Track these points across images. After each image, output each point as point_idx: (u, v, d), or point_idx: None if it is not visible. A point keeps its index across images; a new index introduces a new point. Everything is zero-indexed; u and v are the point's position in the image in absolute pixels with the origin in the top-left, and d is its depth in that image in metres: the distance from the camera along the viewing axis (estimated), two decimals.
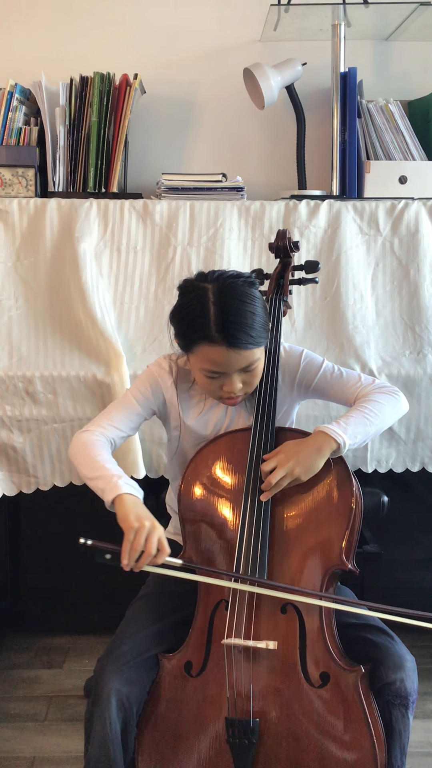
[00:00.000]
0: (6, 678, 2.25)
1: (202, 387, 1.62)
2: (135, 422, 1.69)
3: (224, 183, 2.35)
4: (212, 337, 1.49)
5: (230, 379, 1.54)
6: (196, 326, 1.50)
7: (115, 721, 1.42)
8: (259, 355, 1.56)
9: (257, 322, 1.51)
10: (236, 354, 1.51)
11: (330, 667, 1.43)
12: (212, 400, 1.68)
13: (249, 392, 1.60)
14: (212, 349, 1.50)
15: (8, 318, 2.21)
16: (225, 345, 1.49)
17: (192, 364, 1.60)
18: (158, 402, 1.70)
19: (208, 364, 1.53)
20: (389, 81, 2.60)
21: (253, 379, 1.58)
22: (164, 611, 1.60)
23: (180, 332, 1.56)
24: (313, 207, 2.28)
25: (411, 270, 2.27)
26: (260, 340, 1.53)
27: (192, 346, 1.54)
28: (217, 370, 1.54)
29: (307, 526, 1.52)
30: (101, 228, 2.28)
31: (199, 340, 1.51)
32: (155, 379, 1.70)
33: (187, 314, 1.53)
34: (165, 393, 1.69)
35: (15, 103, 2.33)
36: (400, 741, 1.44)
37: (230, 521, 1.55)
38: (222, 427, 1.69)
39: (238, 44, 2.58)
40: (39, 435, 2.09)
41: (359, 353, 2.17)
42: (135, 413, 1.68)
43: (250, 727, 1.42)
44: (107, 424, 1.65)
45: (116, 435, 1.65)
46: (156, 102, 2.59)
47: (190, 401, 1.70)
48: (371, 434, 1.60)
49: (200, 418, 1.69)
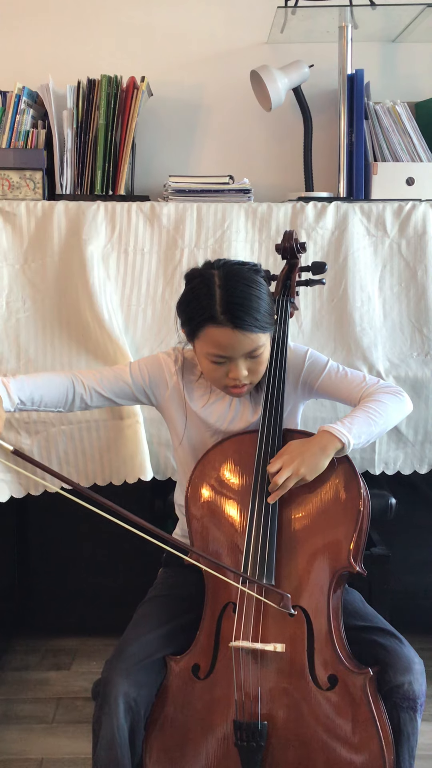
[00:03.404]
0: (14, 680, 2.26)
1: (207, 375, 1.62)
2: (120, 390, 1.69)
3: (231, 185, 2.35)
4: (218, 318, 1.50)
5: (235, 365, 1.55)
6: (202, 308, 1.52)
7: (122, 723, 1.42)
8: (264, 341, 1.56)
9: (262, 307, 1.53)
10: (242, 336, 1.51)
11: (338, 670, 1.43)
12: (217, 393, 1.69)
13: (255, 381, 1.60)
14: (218, 331, 1.52)
15: (16, 320, 2.22)
16: (231, 326, 1.50)
17: (198, 352, 1.60)
18: (153, 387, 1.70)
19: (214, 347, 1.54)
20: (396, 82, 2.60)
21: (259, 367, 1.58)
22: (172, 614, 1.60)
23: (186, 318, 1.58)
24: (321, 209, 2.28)
25: (418, 271, 2.26)
26: (265, 325, 1.54)
27: (198, 330, 1.55)
28: (222, 354, 1.54)
29: (315, 528, 1.52)
30: (108, 230, 2.28)
31: (205, 323, 1.52)
32: (159, 365, 1.70)
33: (194, 299, 1.55)
34: (169, 380, 1.70)
35: (23, 106, 2.34)
36: (408, 744, 1.43)
37: (238, 523, 1.55)
38: (226, 420, 1.68)
39: (245, 46, 2.58)
40: (47, 437, 2.10)
41: (367, 355, 2.17)
42: (123, 381, 1.69)
43: (258, 730, 1.42)
44: (89, 373, 1.68)
45: (90, 386, 1.66)
46: (163, 104, 2.59)
47: (194, 393, 1.70)
48: (375, 434, 1.60)
49: (204, 409, 1.69)
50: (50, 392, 1.63)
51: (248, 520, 1.51)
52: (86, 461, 2.12)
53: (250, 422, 1.68)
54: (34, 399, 1.60)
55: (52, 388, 1.64)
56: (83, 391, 1.66)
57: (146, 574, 1.78)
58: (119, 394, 1.70)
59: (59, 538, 2.32)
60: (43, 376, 1.67)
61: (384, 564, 1.99)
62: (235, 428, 1.68)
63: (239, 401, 1.69)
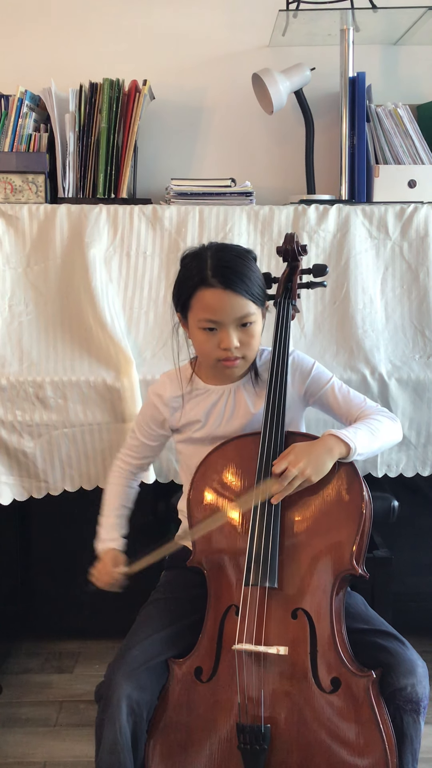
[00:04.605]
0: (17, 683, 2.26)
1: (200, 350, 1.65)
2: (149, 450, 1.80)
3: (233, 188, 2.35)
4: (208, 280, 1.56)
5: (226, 333, 1.58)
6: (193, 276, 1.58)
7: (125, 726, 1.42)
8: (255, 311, 1.60)
9: (252, 276, 1.59)
10: (232, 297, 1.56)
11: (341, 673, 1.43)
12: (214, 395, 1.69)
13: (248, 357, 1.63)
14: (208, 293, 1.56)
15: (18, 323, 2.22)
16: (221, 287, 1.55)
17: (191, 327, 1.63)
18: (161, 425, 1.76)
19: (205, 312, 1.58)
20: (398, 85, 2.60)
21: (251, 340, 1.61)
22: (174, 616, 1.60)
23: (179, 291, 1.64)
24: (322, 211, 2.29)
25: (420, 274, 2.27)
26: (256, 294, 1.59)
27: (190, 299, 1.60)
28: (213, 318, 1.57)
29: (318, 530, 1.52)
30: (111, 233, 2.28)
31: (196, 288, 1.58)
32: (154, 407, 1.75)
33: (186, 273, 1.61)
34: (169, 405, 1.73)
35: (25, 109, 2.34)
36: (412, 747, 1.43)
37: (240, 526, 1.54)
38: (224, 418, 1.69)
39: (247, 49, 2.59)
40: (49, 440, 2.10)
41: (369, 357, 2.17)
42: (144, 445, 1.79)
43: (262, 733, 1.41)
44: (125, 457, 1.80)
45: (135, 466, 1.80)
46: (165, 108, 2.60)
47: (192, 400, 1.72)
48: (373, 450, 1.61)
49: (205, 411, 1.70)
50: (129, 502, 1.80)
51: (251, 523, 1.51)
52: (89, 464, 2.12)
53: (251, 414, 1.68)
54: (123, 520, 1.78)
55: (128, 498, 1.80)
56: (139, 471, 1.82)
57: (149, 576, 1.78)
58: (154, 452, 1.82)
59: (62, 541, 2.31)
60: (115, 500, 1.78)
61: (386, 566, 1.98)
62: (236, 423, 1.68)
63: (235, 396, 1.70)
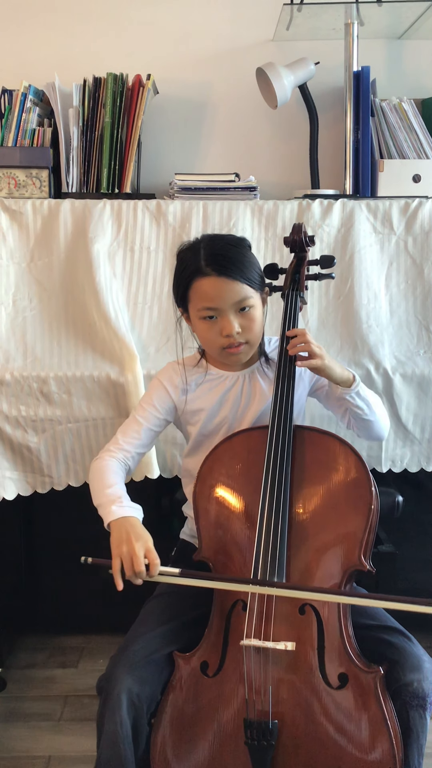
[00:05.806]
0: (21, 677, 2.26)
1: (204, 340, 1.67)
2: (147, 437, 1.74)
3: (237, 183, 2.35)
4: (203, 269, 1.58)
5: (227, 320, 1.60)
6: (189, 267, 1.60)
7: (125, 719, 1.42)
8: (252, 295, 1.61)
9: (246, 262, 1.61)
10: (227, 283, 1.58)
11: (348, 668, 1.43)
12: (229, 381, 1.70)
13: (251, 342, 1.64)
14: (204, 281, 1.58)
15: (23, 319, 2.22)
16: (215, 274, 1.58)
17: (192, 318, 1.65)
18: (168, 410, 1.74)
19: (203, 300, 1.60)
20: (402, 79, 2.59)
21: (252, 324, 1.62)
22: (178, 610, 1.60)
23: (177, 285, 1.65)
24: (327, 206, 2.28)
25: (425, 269, 2.26)
26: (251, 279, 1.61)
27: (188, 290, 1.62)
28: (211, 306, 1.59)
29: (326, 525, 1.51)
30: (115, 228, 2.28)
31: (192, 278, 1.60)
32: (162, 389, 1.74)
33: (182, 264, 1.63)
34: (179, 386, 1.72)
35: (29, 104, 2.34)
36: (418, 742, 1.43)
37: (247, 521, 1.54)
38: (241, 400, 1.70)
39: (251, 44, 2.58)
40: (53, 435, 2.10)
41: (373, 352, 2.17)
42: (144, 429, 1.73)
43: (269, 728, 1.41)
44: (115, 447, 1.71)
45: (128, 454, 1.71)
46: (169, 102, 2.59)
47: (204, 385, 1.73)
48: (368, 404, 1.65)
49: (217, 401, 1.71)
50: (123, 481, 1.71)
51: (258, 518, 1.50)
52: (93, 459, 2.11)
53: (268, 398, 1.68)
54: None
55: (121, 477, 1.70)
56: (132, 463, 1.73)
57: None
58: (150, 440, 1.76)
59: (66, 536, 2.31)
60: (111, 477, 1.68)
61: (391, 562, 1.99)
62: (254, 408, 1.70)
63: (250, 381, 1.71)
